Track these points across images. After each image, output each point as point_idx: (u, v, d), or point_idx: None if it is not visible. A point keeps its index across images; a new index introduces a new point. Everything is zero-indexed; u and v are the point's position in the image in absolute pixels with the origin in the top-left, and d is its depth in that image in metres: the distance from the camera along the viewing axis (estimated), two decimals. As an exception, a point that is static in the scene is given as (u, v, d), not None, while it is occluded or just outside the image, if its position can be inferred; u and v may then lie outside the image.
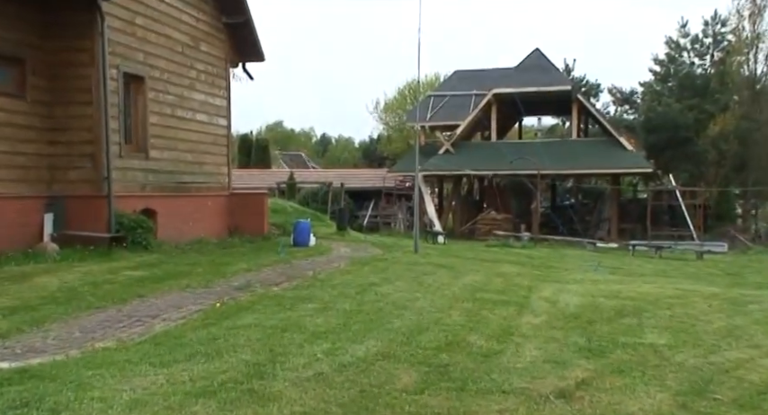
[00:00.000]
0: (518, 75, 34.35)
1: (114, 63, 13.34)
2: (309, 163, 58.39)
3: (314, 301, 8.53)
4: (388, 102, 62.83)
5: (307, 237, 17.16)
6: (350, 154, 78.34)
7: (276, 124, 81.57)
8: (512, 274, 13.16)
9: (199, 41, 16.96)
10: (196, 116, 16.85)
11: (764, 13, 35.84)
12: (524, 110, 37.22)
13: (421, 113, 34.38)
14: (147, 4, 14.64)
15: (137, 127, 14.58)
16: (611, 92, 42.86)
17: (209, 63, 17.48)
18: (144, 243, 13.12)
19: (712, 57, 40.72)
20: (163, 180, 15.26)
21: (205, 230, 16.29)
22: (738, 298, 10.18)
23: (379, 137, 66.89)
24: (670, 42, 41.69)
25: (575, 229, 32.07)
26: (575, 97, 33.22)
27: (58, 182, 12.99)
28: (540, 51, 36.21)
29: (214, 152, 17.87)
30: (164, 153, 15.35)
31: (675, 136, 35.37)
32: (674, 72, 40.92)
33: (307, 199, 32.16)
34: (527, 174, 31.05)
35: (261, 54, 19.42)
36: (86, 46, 12.81)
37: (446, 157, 33.35)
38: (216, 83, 17.88)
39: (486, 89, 34.67)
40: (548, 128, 53.71)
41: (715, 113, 36.10)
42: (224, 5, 17.90)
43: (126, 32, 13.89)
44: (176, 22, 15.86)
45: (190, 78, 16.57)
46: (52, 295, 8.51)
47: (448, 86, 40.89)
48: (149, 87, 14.75)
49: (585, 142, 34.52)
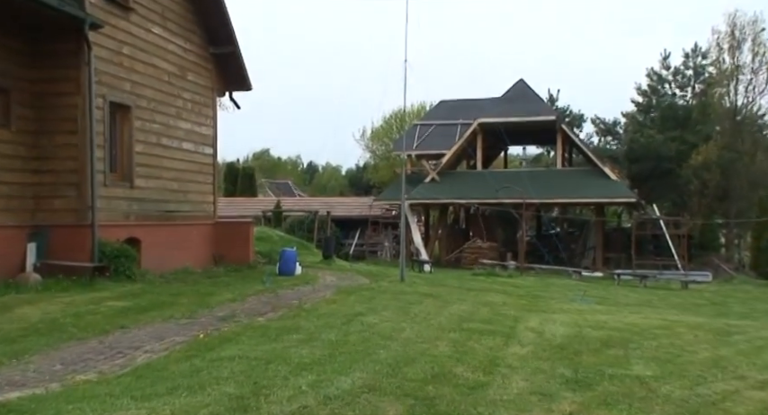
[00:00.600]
0: (503, 105, 34.68)
1: (101, 92, 13.34)
2: (296, 191, 58.40)
3: (299, 332, 8.45)
4: (374, 131, 63.20)
5: (293, 266, 17.08)
6: (336, 182, 78.49)
7: (263, 152, 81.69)
8: (498, 303, 13.13)
9: (186, 71, 17.02)
10: (182, 144, 16.84)
11: (744, 46, 36.54)
12: (509, 140, 37.47)
13: (407, 142, 34.55)
14: (135, 34, 14.70)
15: (122, 155, 14.54)
16: (595, 122, 43.41)
17: (195, 92, 17.53)
18: (127, 273, 13.00)
19: (694, 88, 41.37)
20: (147, 208, 15.18)
21: (190, 259, 16.18)
22: (723, 328, 10.21)
23: (366, 166, 67.13)
24: (652, 74, 42.34)
25: (560, 258, 32.13)
26: (559, 127, 33.54)
27: (41, 211, 12.88)
28: (524, 82, 36.65)
29: (200, 180, 17.84)
30: (149, 181, 15.29)
31: (658, 167, 35.76)
32: (656, 103, 41.52)
33: (293, 228, 32.08)
34: (512, 203, 31.18)
35: (248, 83, 19.52)
36: (72, 75, 12.80)
37: (432, 186, 33.47)
38: (202, 112, 17.91)
39: (472, 118, 34.92)
40: (533, 157, 54.11)
41: (697, 144, 36.58)
42: (211, 36, 18.02)
43: (113, 62, 13.92)
44: (164, 51, 15.92)
45: (176, 107, 16.59)
46: (33, 326, 8.39)
47: (434, 115, 41.18)
48: (135, 116, 14.75)
49: (570, 171, 34.79)
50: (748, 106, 36.75)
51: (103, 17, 13.35)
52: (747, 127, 36.27)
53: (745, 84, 36.49)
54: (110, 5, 13.79)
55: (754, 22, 36.33)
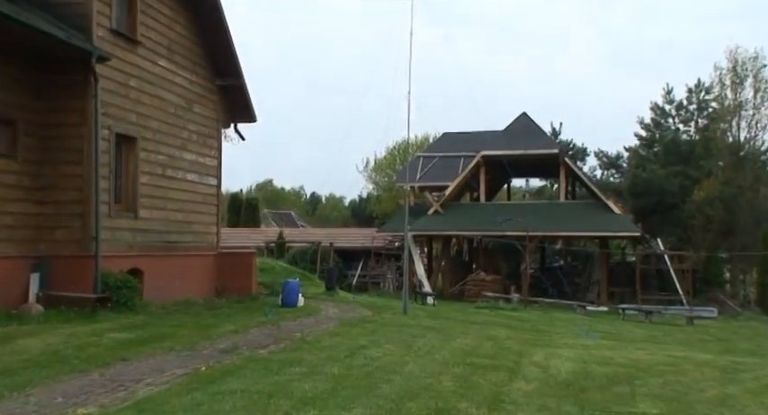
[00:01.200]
0: (506, 138, 34.82)
1: (107, 124, 13.42)
2: (299, 222, 58.40)
3: (302, 365, 8.38)
4: (378, 162, 63.34)
5: (295, 297, 17.02)
6: (339, 213, 78.55)
7: (266, 182, 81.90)
8: (502, 337, 13.03)
9: (192, 103, 17.15)
10: (186, 175, 16.90)
11: (746, 83, 36.74)
12: (512, 172, 37.57)
13: (410, 174, 34.64)
14: (142, 66, 14.85)
15: (127, 186, 14.58)
16: (598, 156, 43.56)
17: (201, 124, 17.65)
18: (129, 304, 12.94)
19: (697, 123, 41.54)
20: (151, 239, 15.18)
21: (192, 290, 16.12)
22: (730, 366, 10.10)
23: (369, 197, 67.17)
24: (655, 108, 42.55)
25: (564, 291, 31.98)
26: (562, 160, 33.62)
27: (45, 242, 12.87)
28: (527, 115, 36.83)
29: (203, 211, 17.87)
30: (153, 212, 15.31)
31: (662, 201, 35.75)
32: (659, 137, 41.66)
33: (296, 259, 32.01)
34: (516, 236, 31.11)
35: (253, 115, 19.67)
36: (79, 107, 12.89)
37: (435, 218, 33.46)
38: (207, 144, 18.01)
39: (475, 151, 35.04)
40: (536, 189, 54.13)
41: (700, 179, 36.61)
42: (218, 68, 18.21)
43: (119, 94, 14.03)
44: (170, 84, 16.07)
45: (182, 138, 16.69)
46: (35, 358, 8.33)
47: (437, 148, 41.35)
48: (141, 147, 14.83)
49: (573, 204, 34.78)
50: (751, 141, 36.84)
51: (111, 50, 13.51)
52: (750, 162, 36.31)
53: (748, 120, 36.67)
54: (117, 38, 13.95)
55: (755, 58, 36.61)
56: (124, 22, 14.41)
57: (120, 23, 14.20)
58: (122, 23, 14.31)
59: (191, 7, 16.84)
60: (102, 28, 13.43)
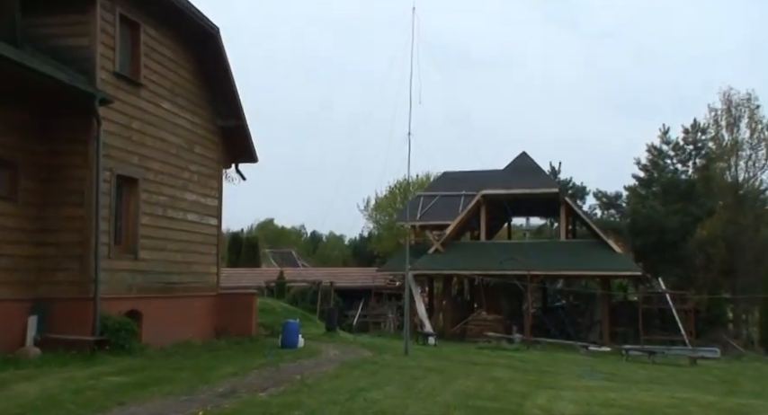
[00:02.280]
0: (506, 177, 34.93)
1: (108, 166, 13.48)
2: (299, 262, 58.25)
3: (301, 408, 8.28)
4: (378, 201, 63.47)
5: (295, 338, 16.90)
6: (340, 251, 78.37)
7: (267, 222, 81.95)
8: (505, 379, 12.89)
9: (193, 144, 17.25)
10: (187, 216, 16.91)
11: (741, 123, 37.01)
12: (513, 211, 37.56)
13: (411, 213, 34.68)
14: (145, 109, 14.98)
15: (127, 227, 14.58)
16: (597, 195, 43.68)
17: (202, 164, 17.73)
18: (128, 347, 12.83)
19: (695, 163, 41.70)
20: (151, 280, 15.12)
21: (192, 331, 16.01)
22: (736, 408, 9.97)
23: (370, 236, 67.11)
24: (652, 149, 42.78)
25: (567, 331, 31.72)
26: (562, 199, 33.68)
27: (44, 284, 12.81)
28: (526, 154, 37.01)
29: (204, 251, 17.84)
30: (153, 253, 15.28)
31: (662, 240, 35.70)
32: (657, 177, 41.81)
33: (296, 299, 31.86)
34: (517, 275, 30.98)
35: (254, 155, 19.78)
36: (81, 149, 12.96)
37: (436, 257, 33.37)
38: (208, 184, 18.07)
39: (475, 190, 35.14)
40: (536, 228, 54.08)
41: (701, 217, 36.61)
42: (219, 109, 18.36)
43: (122, 136, 14.12)
44: (172, 125, 16.18)
45: (183, 179, 16.75)
46: (31, 403, 8.22)
47: (438, 187, 41.46)
48: (142, 189, 14.87)
49: (574, 243, 34.72)
50: (750, 181, 36.93)
51: (114, 92, 13.64)
52: (750, 201, 36.34)
53: (746, 160, 36.81)
54: (120, 81, 14.11)
55: (748, 99, 36.94)
56: (128, 65, 14.58)
57: (124, 66, 14.37)
58: (126, 66, 14.48)
59: (194, 50, 17.06)
60: (106, 71, 13.58)
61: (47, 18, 13.29)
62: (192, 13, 15.96)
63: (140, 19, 14.74)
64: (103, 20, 13.40)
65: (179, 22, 16.02)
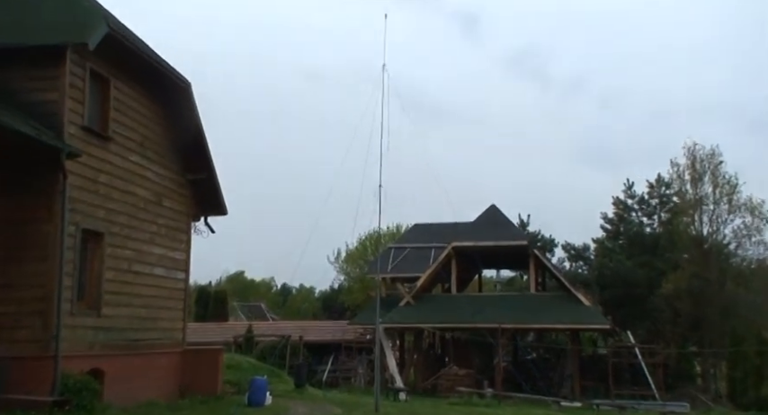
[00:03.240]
0: (476, 230, 35.20)
1: (74, 220, 13.25)
2: (269, 314, 57.51)
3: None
4: (349, 253, 63.28)
5: (262, 396, 16.55)
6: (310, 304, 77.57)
7: (237, 274, 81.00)
8: (475, 439, 12.68)
9: (162, 197, 17.10)
10: (153, 270, 16.63)
11: (705, 178, 37.80)
12: (483, 264, 37.72)
13: (382, 265, 34.61)
14: (113, 162, 14.84)
15: (91, 283, 14.27)
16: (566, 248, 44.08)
17: (170, 217, 17.53)
18: (89, 407, 12.39)
19: (660, 216, 42.35)
20: (114, 337, 14.75)
21: (156, 390, 15.58)
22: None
23: (340, 288, 66.66)
24: (618, 202, 43.48)
25: (538, 386, 31.55)
26: (531, 252, 33.92)
27: (3, 342, 12.35)
28: (496, 207, 37.44)
29: (170, 306, 17.50)
30: (117, 309, 14.94)
31: (630, 293, 36.04)
32: (623, 230, 42.41)
33: (264, 354, 31.29)
34: (488, 328, 30.89)
35: (223, 208, 19.63)
36: (46, 204, 12.69)
37: (407, 309, 33.21)
38: (176, 238, 17.85)
39: (446, 242, 35.30)
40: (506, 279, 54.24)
41: (666, 270, 37.03)
42: (189, 162, 18.25)
43: (88, 190, 13.93)
44: (140, 178, 16.03)
45: (150, 233, 16.52)
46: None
47: (408, 238, 41.58)
48: (108, 243, 14.62)
49: (544, 296, 34.85)
50: (713, 235, 37.56)
51: (81, 146, 13.45)
52: (714, 255, 36.89)
53: (709, 214, 37.49)
54: (89, 135, 13.96)
55: (712, 155, 37.85)
56: (97, 118, 14.47)
57: (93, 120, 14.25)
58: (95, 120, 14.36)
59: (165, 104, 17.01)
60: (74, 125, 13.46)
61: (16, 72, 13.20)
62: (164, 67, 16.00)
63: (111, 74, 14.72)
64: (73, 74, 13.34)
65: (150, 77, 16.03)
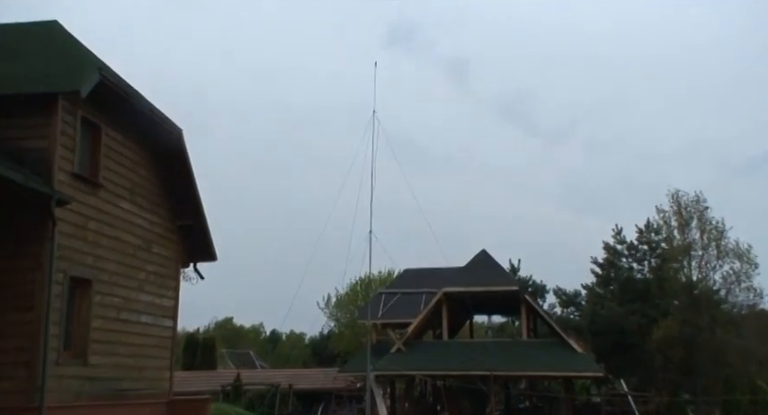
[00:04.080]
0: (467, 275, 35.01)
1: (62, 267, 13.12)
2: (257, 362, 56.73)
3: None
4: (339, 298, 62.81)
5: (250, 447, 16.17)
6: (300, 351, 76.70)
7: (226, 321, 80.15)
8: None
9: (151, 243, 16.99)
10: (141, 318, 16.42)
11: (691, 224, 38.02)
12: (474, 309, 37.45)
13: (372, 310, 34.33)
14: (102, 209, 14.77)
15: (78, 331, 14.05)
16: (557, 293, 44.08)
17: (159, 264, 17.40)
18: (73, 460, 12.11)
19: (650, 262, 42.42)
20: (100, 387, 14.46)
21: (141, 442, 15.24)
22: None
23: (330, 334, 65.98)
24: (608, 248, 43.59)
25: (531, 435, 31.09)
26: (522, 297, 33.75)
27: (-14, 393, 12.15)
28: (486, 252, 37.31)
29: (157, 355, 17.23)
30: (104, 358, 14.69)
31: (622, 341, 35.90)
32: (614, 276, 42.41)
33: (253, 403, 30.79)
34: (480, 375, 30.52)
35: (213, 254, 19.52)
36: (34, 251, 12.60)
37: (398, 356, 32.78)
38: (165, 284, 17.68)
39: (437, 287, 35.08)
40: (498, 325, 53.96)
41: (657, 317, 36.93)
42: (179, 208, 18.20)
43: (77, 237, 13.82)
44: (130, 225, 15.94)
45: (138, 280, 16.37)
46: None
47: (399, 284, 41.33)
48: (96, 290, 14.45)
49: (536, 343, 34.55)
50: (703, 281, 37.60)
51: (71, 193, 13.40)
52: (705, 302, 36.87)
53: (698, 260, 37.59)
54: (78, 182, 13.91)
55: (697, 201, 38.14)
56: (87, 165, 14.45)
57: (83, 167, 14.24)
58: (85, 167, 14.35)
59: (156, 150, 17.04)
60: (64, 172, 13.43)
61: (8, 120, 13.22)
62: (155, 114, 16.08)
63: (102, 121, 14.76)
64: (64, 122, 13.37)
65: (142, 123, 16.08)
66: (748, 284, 37.20)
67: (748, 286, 37.24)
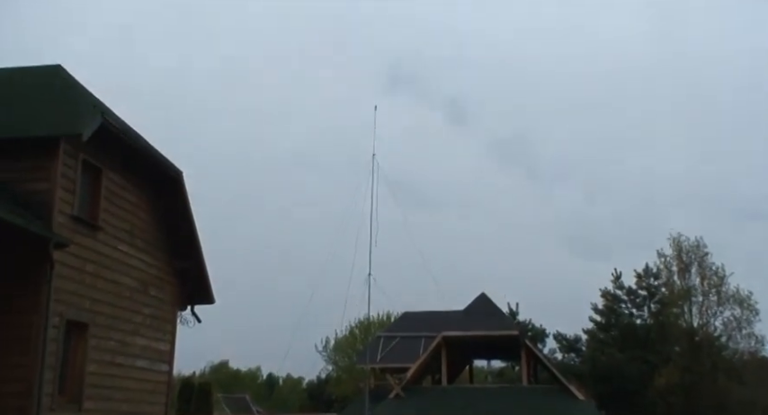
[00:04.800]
0: (466, 319, 34.73)
1: (58, 310, 13.00)
2: (254, 407, 55.90)
3: None
4: (337, 341, 62.22)
5: None
6: (297, 395, 75.64)
7: (221, 364, 79.25)
8: None
9: (148, 285, 16.88)
10: (137, 362, 16.22)
11: (692, 269, 37.89)
12: (474, 354, 37.03)
13: (371, 355, 33.96)
14: (101, 251, 14.71)
15: (73, 375, 13.86)
16: (557, 338, 43.67)
17: (156, 307, 17.26)
18: None
19: (649, 308, 42.14)
20: (94, 434, 14.22)
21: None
22: None
23: (328, 378, 65.16)
24: (607, 293, 43.28)
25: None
26: (522, 342, 33.42)
27: (-22, 439, 11.94)
28: (485, 295, 37.05)
29: (152, 400, 16.99)
30: (98, 403, 14.46)
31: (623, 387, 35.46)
32: (614, 322, 42.06)
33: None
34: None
35: (211, 297, 19.37)
36: (31, 293, 12.48)
37: (396, 402, 32.30)
38: (161, 328, 17.52)
39: (436, 331, 34.75)
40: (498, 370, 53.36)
41: (658, 364, 36.52)
42: (178, 250, 18.11)
43: (74, 279, 13.73)
44: (127, 267, 15.86)
45: (135, 323, 16.22)
46: None
47: (398, 327, 40.95)
48: (91, 334, 14.30)
49: (537, 389, 34.10)
50: (704, 327, 37.31)
51: (70, 236, 13.38)
52: (706, 348, 36.54)
53: (699, 306, 37.36)
54: (78, 224, 13.88)
55: (698, 246, 38.06)
56: (87, 208, 14.43)
57: (83, 210, 14.22)
58: (84, 209, 14.33)
59: (156, 192, 17.06)
60: (63, 214, 13.41)
61: (9, 163, 13.26)
62: (156, 157, 16.16)
63: (103, 164, 14.80)
64: (65, 165, 13.42)
65: (142, 165, 16.14)
66: (749, 331, 36.93)
67: (749, 333, 36.97)
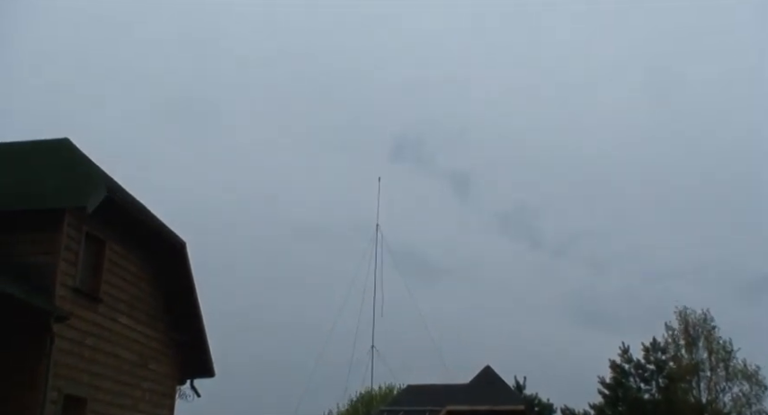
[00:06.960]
0: (471, 392, 34.09)
1: (57, 385, 12.84)
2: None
3: None
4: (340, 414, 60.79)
5: None
6: (297, 471, 73.40)
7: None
8: None
9: (148, 359, 16.70)
10: (135, 439, 15.90)
11: (699, 343, 37.29)
12: (479, 429, 36.02)
13: (373, 430, 33.20)
14: (101, 324, 14.62)
15: (70, 453, 13.58)
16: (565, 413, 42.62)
17: (155, 381, 17.04)
18: None
19: (657, 382, 41.25)
20: None
21: None
22: None
23: (329, 455, 63.33)
24: (615, 367, 42.49)
25: None
26: (529, 418, 32.75)
27: None
28: (490, 368, 36.49)
29: (150, 478, 16.56)
30: (95, 482, 14.12)
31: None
32: (622, 396, 41.14)
33: None
34: None
35: (211, 370, 19.11)
36: (30, 368, 12.35)
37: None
38: (160, 403, 17.26)
39: (440, 405, 34.07)
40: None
41: (668, 442, 35.59)
42: (178, 322, 17.99)
43: (74, 353, 13.61)
44: (127, 340, 15.73)
45: (134, 398, 15.99)
46: None
47: (401, 401, 40.11)
48: (90, 409, 14.07)
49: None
50: (713, 403, 36.46)
51: (71, 308, 13.30)
52: (716, 426, 35.70)
53: (707, 380, 36.62)
54: (79, 297, 13.82)
55: (704, 320, 37.58)
56: (88, 280, 14.41)
57: (84, 282, 14.20)
58: (86, 282, 14.31)
59: (158, 263, 17.05)
60: (65, 287, 13.40)
61: (13, 235, 13.34)
62: (160, 228, 16.23)
63: (107, 235, 14.88)
64: (69, 237, 13.50)
65: (146, 238, 16.21)
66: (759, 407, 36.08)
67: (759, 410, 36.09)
